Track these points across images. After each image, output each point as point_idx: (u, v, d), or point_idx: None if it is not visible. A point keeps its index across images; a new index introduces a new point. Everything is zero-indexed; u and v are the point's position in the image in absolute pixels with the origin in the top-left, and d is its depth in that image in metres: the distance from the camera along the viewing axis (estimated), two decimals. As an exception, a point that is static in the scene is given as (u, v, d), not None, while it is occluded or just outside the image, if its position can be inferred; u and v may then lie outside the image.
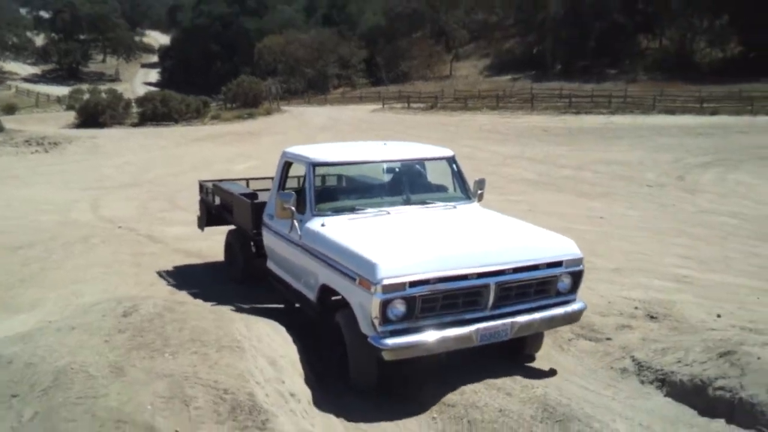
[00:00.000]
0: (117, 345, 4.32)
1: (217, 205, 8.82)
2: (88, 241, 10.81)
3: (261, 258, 7.45)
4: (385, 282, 4.59)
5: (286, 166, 6.86)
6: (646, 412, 4.70)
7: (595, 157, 20.10)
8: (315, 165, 6.24)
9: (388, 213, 5.93)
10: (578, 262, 5.41)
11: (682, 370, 4.94)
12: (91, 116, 40.38)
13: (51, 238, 11.05)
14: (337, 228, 5.59)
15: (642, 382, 5.19)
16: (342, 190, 7.07)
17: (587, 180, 16.78)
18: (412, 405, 4.93)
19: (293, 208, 5.79)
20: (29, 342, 4.51)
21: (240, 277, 8.23)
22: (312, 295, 5.74)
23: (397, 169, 6.79)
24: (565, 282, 5.40)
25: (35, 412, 3.63)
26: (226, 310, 5.32)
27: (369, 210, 5.94)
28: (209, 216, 9.23)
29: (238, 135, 30.62)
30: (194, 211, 13.46)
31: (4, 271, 8.93)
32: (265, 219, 6.87)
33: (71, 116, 43.09)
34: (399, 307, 4.71)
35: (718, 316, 6.73)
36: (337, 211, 5.94)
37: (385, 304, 4.64)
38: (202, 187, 9.51)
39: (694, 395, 4.71)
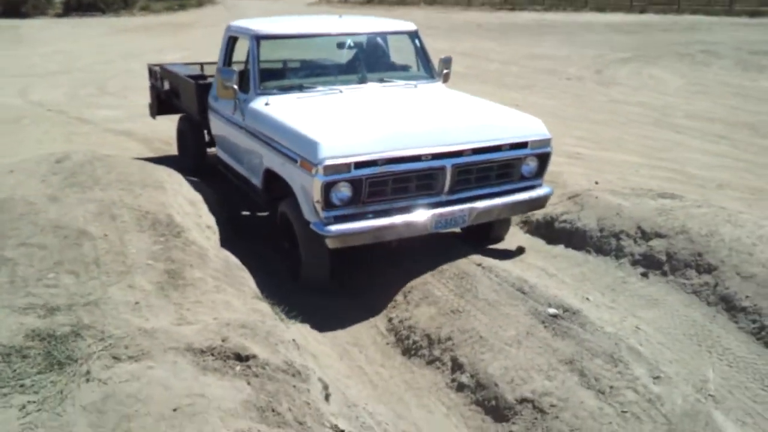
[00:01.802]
0: (52, 183, 5.06)
1: (166, 90, 8.27)
2: (18, 122, 11.20)
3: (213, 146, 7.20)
4: (328, 162, 4.28)
5: (231, 41, 6.35)
6: (507, 245, 5.76)
7: (523, 52, 20.87)
8: (260, 38, 5.72)
9: (341, 92, 5.56)
10: (545, 143, 5.09)
11: (539, 212, 5.98)
12: (12, 5, 38.49)
13: (-20, 120, 11.38)
14: (281, 107, 5.24)
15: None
16: (290, 67, 6.56)
17: (512, 73, 17.57)
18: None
19: (236, 87, 5.43)
20: (-27, 182, 5.21)
21: (192, 167, 7.66)
22: (258, 182, 5.46)
23: (352, 44, 6.31)
24: (531, 165, 5.11)
25: (-18, 229, 4.38)
26: (150, 162, 6.01)
27: (319, 88, 5.56)
28: (159, 102, 8.62)
29: (169, 26, 30.05)
30: (123, 96, 13.90)
31: (-64, 148, 9.36)
32: (211, 101, 6.48)
33: (-11, 5, 41.03)
34: (344, 191, 4.43)
35: (596, 182, 7.80)
36: (284, 90, 5.57)
37: (328, 187, 4.34)
38: (150, 70, 8.90)
39: (545, 229, 5.80)
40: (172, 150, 9.08)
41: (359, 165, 4.37)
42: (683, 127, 12.03)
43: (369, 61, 6.21)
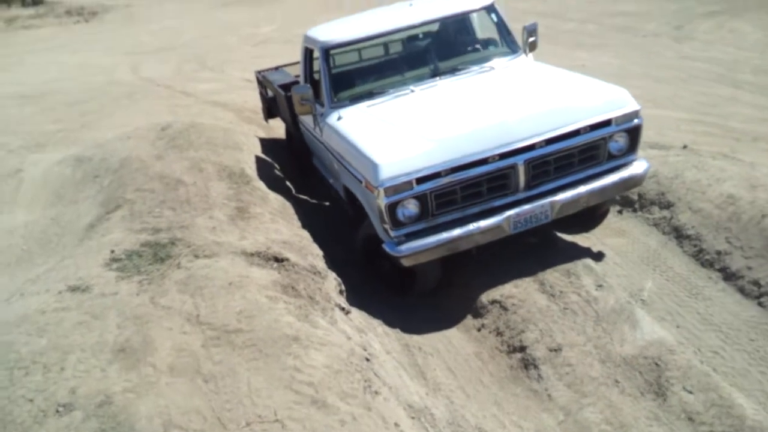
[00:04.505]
0: (158, 146, 6.74)
1: (269, 97, 8.33)
2: (131, 96, 13.26)
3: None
4: (388, 184, 4.32)
5: (308, 53, 6.26)
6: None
7: (605, 9, 21.12)
8: (327, 49, 5.73)
9: (412, 91, 5.47)
10: (632, 116, 4.76)
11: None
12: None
13: (101, 94, 13.55)
14: (351, 121, 5.24)
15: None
16: (361, 71, 6.21)
17: (587, 32, 18.11)
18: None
19: (312, 102, 5.44)
20: (101, 147, 7.02)
21: (298, 169, 7.65)
22: (344, 196, 5.50)
23: (421, 36, 6.23)
24: (620, 142, 4.79)
25: (110, 180, 6.12)
26: (233, 128, 7.61)
27: (390, 91, 5.50)
28: (268, 108, 8.59)
29: (265, -1, 32.08)
30: (221, 70, 15.77)
31: (67, 120, 11.51)
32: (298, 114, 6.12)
33: (103, -16, 44.68)
34: (410, 208, 4.44)
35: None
36: (356, 99, 5.54)
37: (392, 208, 4.39)
38: (257, 78, 8.98)
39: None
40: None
41: (421, 180, 4.37)
42: (744, 82, 12.44)
43: (442, 49, 6.05)
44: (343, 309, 4.24)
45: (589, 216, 5.61)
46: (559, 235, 5.63)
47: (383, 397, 3.35)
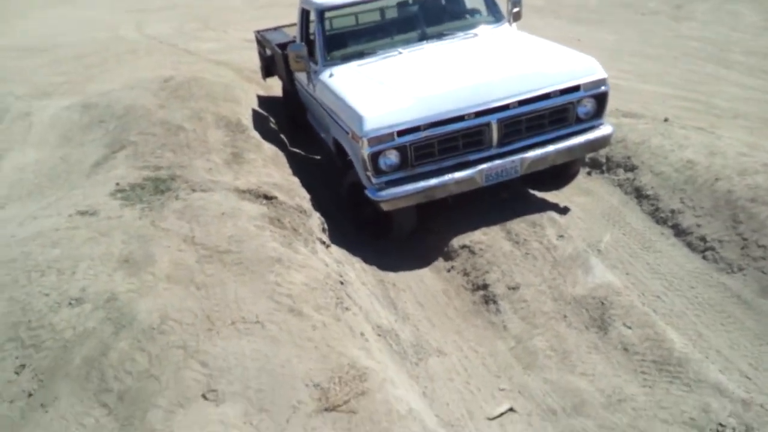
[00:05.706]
0: (161, 96, 7.22)
1: (268, 56, 8.50)
2: (135, 53, 13.65)
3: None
4: (372, 135, 4.72)
5: (304, 14, 6.67)
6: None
7: (608, -15, 21.36)
8: (322, 10, 6.12)
9: (400, 53, 5.87)
10: (600, 83, 5.19)
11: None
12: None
13: (105, 49, 13.95)
14: (341, 78, 5.61)
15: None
16: (353, 33, 6.64)
17: (589, 7, 18.39)
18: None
19: (306, 60, 5.82)
20: (107, 94, 7.50)
21: (292, 125, 8.01)
22: (333, 148, 5.91)
23: (411, 2, 6.61)
24: (587, 107, 5.23)
25: (115, 125, 6.60)
26: (233, 83, 8.06)
27: (380, 52, 5.89)
28: (266, 66, 8.80)
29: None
30: (223, 31, 16.12)
31: (72, 73, 11.93)
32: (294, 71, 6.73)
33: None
34: (391, 158, 4.85)
35: (617, 109, 9.18)
36: (347, 58, 5.90)
37: (374, 157, 4.79)
38: (256, 38, 9.23)
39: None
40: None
41: (402, 133, 4.79)
42: (734, 62, 12.83)
43: (430, 15, 6.44)
44: (324, 243, 4.75)
45: (560, 175, 6.12)
46: (531, 191, 6.12)
47: (353, 313, 3.88)
